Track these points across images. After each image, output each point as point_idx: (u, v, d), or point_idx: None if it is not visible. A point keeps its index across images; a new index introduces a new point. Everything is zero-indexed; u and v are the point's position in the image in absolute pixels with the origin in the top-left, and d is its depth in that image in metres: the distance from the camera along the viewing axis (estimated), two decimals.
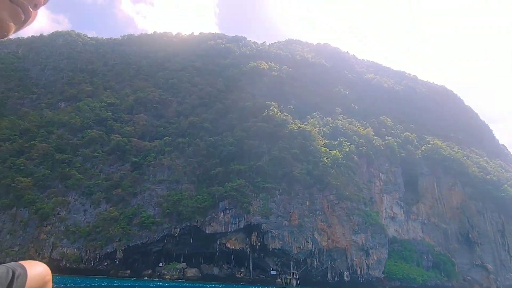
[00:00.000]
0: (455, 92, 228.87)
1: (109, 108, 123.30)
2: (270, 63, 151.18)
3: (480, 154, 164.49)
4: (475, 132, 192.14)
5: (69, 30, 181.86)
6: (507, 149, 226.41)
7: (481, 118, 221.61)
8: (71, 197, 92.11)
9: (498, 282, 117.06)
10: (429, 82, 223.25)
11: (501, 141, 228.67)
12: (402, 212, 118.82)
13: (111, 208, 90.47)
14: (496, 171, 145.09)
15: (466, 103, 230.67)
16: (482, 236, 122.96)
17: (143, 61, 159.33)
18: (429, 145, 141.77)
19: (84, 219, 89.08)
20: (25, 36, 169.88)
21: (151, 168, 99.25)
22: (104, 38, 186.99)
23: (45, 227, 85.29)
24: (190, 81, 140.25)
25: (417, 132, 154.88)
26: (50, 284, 1.74)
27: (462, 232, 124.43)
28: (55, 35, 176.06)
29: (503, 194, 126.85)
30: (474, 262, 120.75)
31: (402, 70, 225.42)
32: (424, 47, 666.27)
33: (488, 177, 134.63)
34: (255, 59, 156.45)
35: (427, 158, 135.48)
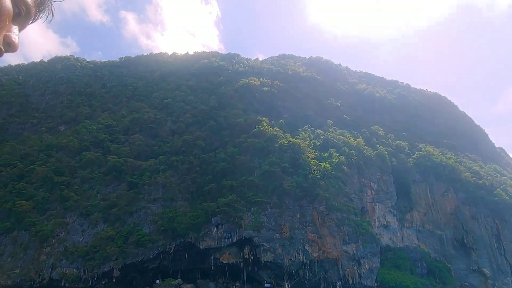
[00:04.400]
0: (449, 98, 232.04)
1: (106, 130, 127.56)
2: (261, 79, 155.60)
3: (474, 159, 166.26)
4: (469, 137, 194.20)
5: (68, 55, 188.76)
6: (504, 152, 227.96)
7: (477, 122, 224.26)
8: (69, 218, 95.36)
9: (495, 287, 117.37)
10: (422, 89, 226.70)
11: (498, 144, 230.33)
12: (396, 220, 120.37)
13: (108, 228, 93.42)
14: (489, 176, 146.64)
15: (461, 108, 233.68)
16: (477, 241, 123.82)
17: (139, 82, 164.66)
18: (421, 153, 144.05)
19: (82, 239, 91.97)
20: (26, 62, 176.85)
21: (146, 187, 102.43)
22: (102, 61, 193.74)
23: (45, 248, 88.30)
24: (184, 100, 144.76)
25: (410, 140, 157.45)
26: None
27: (458, 238, 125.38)
28: (55, 60, 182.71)
29: (496, 199, 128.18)
30: (471, 267, 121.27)
31: (395, 79, 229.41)
32: (418, 54, 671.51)
33: (481, 181, 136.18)
34: (247, 76, 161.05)
35: (419, 166, 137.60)
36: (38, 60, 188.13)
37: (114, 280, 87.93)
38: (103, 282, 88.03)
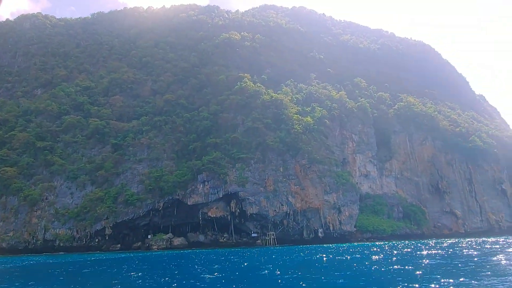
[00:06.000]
0: (433, 46, 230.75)
1: (85, 92, 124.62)
2: (242, 33, 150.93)
3: (453, 107, 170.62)
4: (450, 85, 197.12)
5: (36, 13, 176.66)
6: (483, 99, 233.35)
7: (459, 70, 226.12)
8: (56, 182, 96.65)
9: (465, 226, 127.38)
10: (406, 38, 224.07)
11: (479, 92, 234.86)
12: (376, 169, 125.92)
13: (96, 189, 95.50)
14: (466, 123, 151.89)
15: (445, 56, 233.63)
16: (451, 185, 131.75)
17: (115, 40, 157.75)
18: (402, 103, 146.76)
19: (72, 201, 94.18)
20: None
21: (131, 148, 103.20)
22: (73, 18, 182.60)
23: (35, 211, 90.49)
24: (163, 58, 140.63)
25: (392, 90, 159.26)
26: None
27: (433, 183, 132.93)
28: (22, 19, 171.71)
29: (470, 145, 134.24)
30: (444, 209, 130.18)
31: (380, 28, 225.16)
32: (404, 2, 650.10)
33: (458, 129, 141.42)
34: (228, 30, 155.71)
35: (399, 116, 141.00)
36: (8, 18, 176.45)
37: (107, 238, 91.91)
38: (97, 240, 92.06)
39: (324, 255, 49.10)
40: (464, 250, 50.96)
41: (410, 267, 29.86)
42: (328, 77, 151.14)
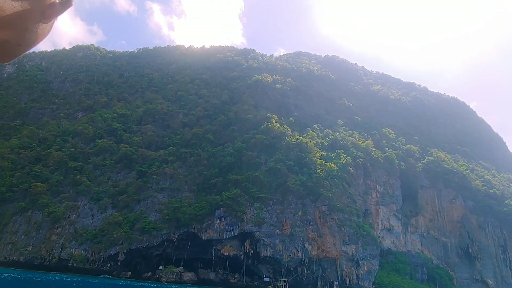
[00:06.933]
0: (467, 103, 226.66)
1: (120, 119, 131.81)
2: (274, 76, 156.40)
3: (487, 167, 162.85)
4: (485, 144, 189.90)
5: (89, 44, 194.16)
6: None
7: (495, 130, 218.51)
8: (80, 202, 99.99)
9: None
10: (439, 93, 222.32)
11: None
12: (400, 224, 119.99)
13: (116, 213, 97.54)
14: (501, 185, 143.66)
15: (480, 114, 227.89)
16: (482, 250, 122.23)
17: (155, 73, 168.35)
18: (431, 158, 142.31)
19: (92, 223, 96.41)
20: (49, 50, 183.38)
21: (155, 176, 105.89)
22: (121, 51, 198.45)
23: (56, 229, 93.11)
24: (197, 93, 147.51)
25: (421, 144, 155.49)
26: None
27: (462, 246, 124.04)
28: (76, 49, 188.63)
29: (505, 209, 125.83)
30: (474, 277, 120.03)
31: (412, 82, 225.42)
32: (435, 56, 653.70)
33: (492, 191, 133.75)
34: (261, 72, 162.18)
35: (428, 171, 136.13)
36: (64, 47, 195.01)
37: (119, 264, 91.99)
38: (109, 265, 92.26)
39: None
40: None
41: None
42: (356, 125, 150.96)
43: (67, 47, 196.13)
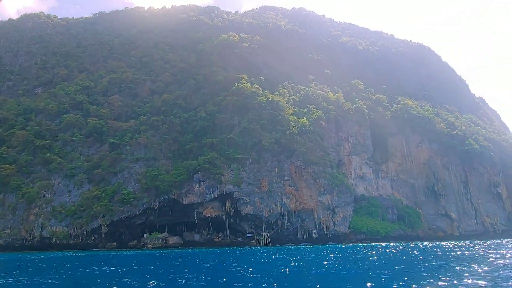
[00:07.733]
0: (433, 48, 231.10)
1: (84, 91, 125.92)
2: (241, 34, 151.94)
3: (451, 110, 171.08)
4: (449, 88, 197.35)
5: (38, 12, 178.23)
6: (483, 102, 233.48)
7: (459, 72, 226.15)
8: (54, 180, 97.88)
9: (460, 229, 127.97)
10: (406, 40, 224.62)
11: (479, 94, 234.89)
12: (371, 171, 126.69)
13: (93, 188, 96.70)
14: (463, 126, 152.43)
15: (445, 58, 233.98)
16: (446, 188, 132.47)
17: (116, 40, 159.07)
18: (399, 105, 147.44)
19: (69, 199, 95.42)
20: None
21: (128, 147, 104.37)
22: (74, 18, 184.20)
23: (33, 209, 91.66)
24: (162, 58, 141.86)
25: (389, 92, 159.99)
26: None
27: (429, 186, 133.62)
28: (24, 18, 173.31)
29: (466, 148, 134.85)
30: (439, 212, 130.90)
31: (379, 30, 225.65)
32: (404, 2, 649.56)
33: (455, 132, 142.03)
34: (227, 31, 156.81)
35: (396, 118, 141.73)
36: (11, 17, 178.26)
37: (103, 236, 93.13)
38: (93, 238, 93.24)
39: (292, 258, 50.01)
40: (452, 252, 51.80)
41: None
42: (326, 78, 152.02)
43: (15, 17, 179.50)
